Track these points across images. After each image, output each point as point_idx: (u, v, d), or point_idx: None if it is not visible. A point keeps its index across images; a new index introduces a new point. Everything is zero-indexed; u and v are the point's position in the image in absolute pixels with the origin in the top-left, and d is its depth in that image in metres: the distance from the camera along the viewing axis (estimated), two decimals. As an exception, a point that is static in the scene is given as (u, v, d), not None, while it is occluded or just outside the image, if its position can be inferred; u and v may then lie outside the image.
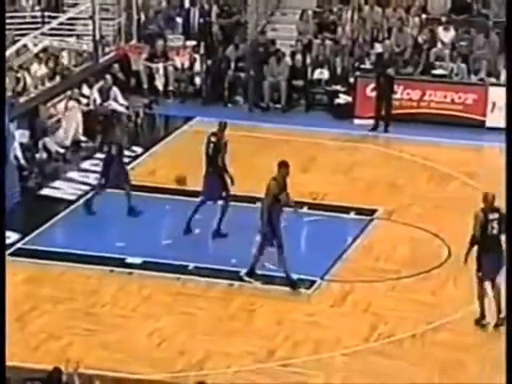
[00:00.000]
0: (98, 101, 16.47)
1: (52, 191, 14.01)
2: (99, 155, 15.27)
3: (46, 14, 18.39)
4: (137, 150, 15.29)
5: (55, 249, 12.11)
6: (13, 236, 12.14)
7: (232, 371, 9.64)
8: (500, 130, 16.03)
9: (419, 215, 13.07)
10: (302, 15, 18.28)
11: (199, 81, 17.72)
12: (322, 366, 9.77)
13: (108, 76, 16.76)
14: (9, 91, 15.03)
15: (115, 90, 16.66)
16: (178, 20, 18.75)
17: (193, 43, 18.16)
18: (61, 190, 14.00)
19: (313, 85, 17.41)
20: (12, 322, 9.82)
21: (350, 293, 11.15)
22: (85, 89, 16.59)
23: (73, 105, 15.82)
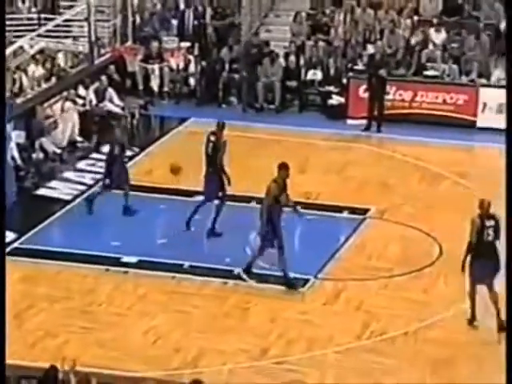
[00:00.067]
0: (94, 102, 16.47)
1: (48, 191, 14.00)
2: (95, 155, 15.30)
3: (43, 16, 18.38)
4: (133, 150, 15.27)
5: (51, 248, 12.11)
6: (9, 235, 12.12)
7: (226, 369, 9.65)
8: (491, 131, 16.14)
9: (411, 214, 13.09)
10: (296, 17, 18.30)
11: (194, 82, 17.73)
12: (315, 364, 9.78)
13: (104, 77, 16.77)
14: (6, 92, 15.00)
15: (111, 91, 16.67)
16: (173, 22, 18.74)
17: (187, 45, 18.16)
18: (57, 190, 14.00)
19: (306, 86, 17.43)
20: (9, 321, 9.80)
21: (343, 291, 11.17)
22: (81, 90, 16.58)
23: (69, 106, 15.82)
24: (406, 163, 14.94)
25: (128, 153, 13.96)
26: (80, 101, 16.34)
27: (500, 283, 10.01)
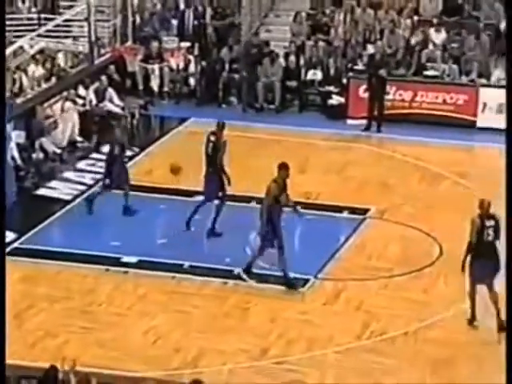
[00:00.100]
0: (94, 102, 16.46)
1: (48, 191, 13.98)
2: (95, 155, 15.28)
3: (43, 16, 18.37)
4: (134, 150, 15.24)
5: (51, 248, 12.08)
6: (9, 235, 12.10)
7: (226, 369, 9.63)
8: (491, 131, 16.12)
9: (411, 214, 13.07)
10: (296, 17, 18.28)
11: (194, 82, 17.71)
12: (315, 364, 9.77)
13: (104, 77, 16.75)
14: (6, 92, 14.98)
15: (111, 91, 16.65)
16: (173, 22, 18.73)
17: (187, 45, 18.14)
18: (57, 190, 13.98)
19: (306, 86, 17.41)
20: (9, 321, 9.78)
21: (343, 291, 11.15)
22: (81, 90, 16.57)
23: (69, 106, 15.81)
24: (406, 163, 14.93)
25: (128, 153, 13.95)
26: (80, 101, 16.32)
27: (500, 283, 9.99)
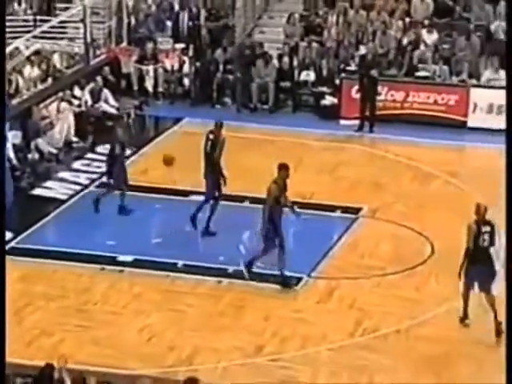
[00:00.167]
0: (90, 102, 16.44)
1: (44, 191, 13.96)
2: (90, 155, 15.26)
3: (38, 18, 18.30)
4: (133, 150, 15.18)
5: (47, 247, 12.06)
6: (6, 235, 12.05)
7: (221, 366, 9.63)
8: (481, 131, 16.14)
9: (403, 213, 13.08)
10: (289, 18, 18.28)
11: (188, 82, 17.70)
12: (309, 361, 9.77)
13: (99, 78, 16.74)
14: (5, 92, 14.94)
15: (106, 92, 16.64)
16: (168, 23, 18.71)
17: (182, 46, 18.12)
18: (53, 190, 13.96)
19: (299, 86, 17.41)
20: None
21: (336, 289, 11.15)
22: (76, 90, 16.56)
23: (65, 106, 15.79)
24: (398, 163, 14.94)
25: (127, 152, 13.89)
26: (75, 101, 16.31)
27: (500, 284, 9.89)
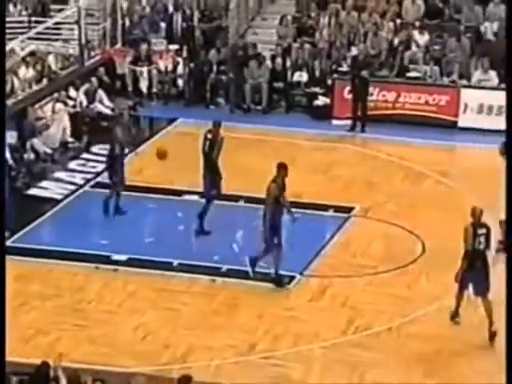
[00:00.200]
0: (85, 103, 16.46)
1: (39, 191, 13.96)
2: (85, 155, 15.28)
3: (33, 19, 18.31)
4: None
5: (43, 247, 12.08)
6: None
7: (215, 364, 9.66)
8: (472, 131, 16.21)
9: (395, 212, 13.13)
10: (282, 20, 18.32)
11: (182, 83, 17.71)
12: (302, 359, 9.81)
13: (94, 79, 16.75)
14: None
15: (101, 93, 16.65)
16: (162, 25, 18.72)
17: (176, 47, 18.14)
18: (48, 190, 13.96)
19: (292, 87, 17.45)
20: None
21: (329, 287, 11.19)
22: (71, 91, 16.57)
23: (60, 107, 15.80)
24: (390, 162, 14.99)
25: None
26: (71, 102, 16.32)
27: (499, 282, 9.89)
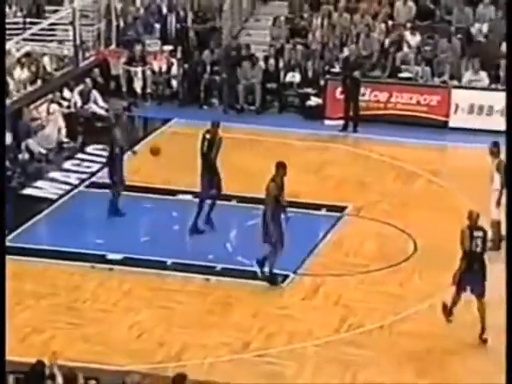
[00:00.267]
0: (79, 103, 16.44)
1: (35, 191, 13.93)
2: (80, 155, 15.25)
3: (28, 20, 18.28)
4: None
5: (38, 246, 12.05)
6: (-3, 234, 12.04)
7: (209, 362, 9.65)
8: (462, 131, 16.24)
9: (387, 211, 13.14)
10: (275, 21, 18.32)
11: (176, 84, 17.70)
12: (295, 357, 9.81)
13: (88, 80, 16.73)
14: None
15: (95, 93, 16.63)
16: (156, 26, 18.70)
17: (170, 48, 18.12)
18: (43, 190, 13.93)
19: (285, 87, 17.45)
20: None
21: (322, 286, 11.19)
22: (66, 92, 16.54)
23: (54, 108, 15.77)
24: (382, 162, 15.00)
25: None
26: (65, 103, 16.29)
27: (495, 281, 9.94)
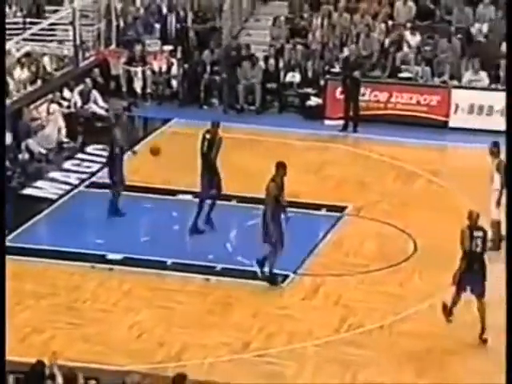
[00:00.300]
0: (79, 103, 16.42)
1: (35, 191, 13.91)
2: (80, 155, 15.23)
3: (28, 20, 18.27)
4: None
5: (38, 246, 12.02)
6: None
7: (209, 362, 9.63)
8: (462, 131, 16.21)
9: (387, 212, 13.12)
10: (275, 21, 18.30)
11: (176, 84, 17.68)
12: (295, 357, 9.79)
13: (88, 80, 16.71)
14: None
15: (95, 93, 16.61)
16: (156, 26, 18.68)
17: (170, 48, 18.10)
18: (43, 190, 13.91)
19: (285, 87, 17.43)
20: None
21: (322, 286, 11.17)
22: (66, 92, 16.52)
23: (54, 107, 15.75)
24: (382, 162, 14.97)
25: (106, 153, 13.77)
26: (65, 103, 16.27)
27: (495, 281, 9.93)
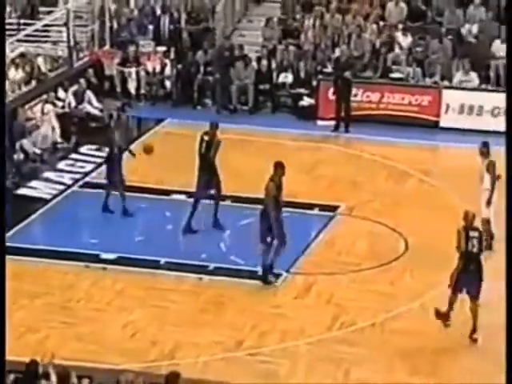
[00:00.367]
0: (73, 104, 16.40)
1: (29, 191, 13.89)
2: (74, 156, 15.22)
3: (22, 21, 18.24)
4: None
5: (32, 246, 12.00)
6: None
7: (202, 360, 9.63)
8: (453, 131, 16.26)
9: (378, 211, 13.14)
10: (268, 22, 18.31)
11: (169, 84, 17.67)
12: (288, 355, 9.80)
13: (82, 80, 16.70)
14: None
15: (89, 94, 16.59)
16: (149, 27, 18.67)
17: (163, 49, 18.10)
18: (37, 190, 13.89)
19: (278, 88, 17.44)
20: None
21: (314, 285, 11.19)
22: (60, 92, 16.50)
23: (49, 108, 15.73)
24: (374, 162, 15.00)
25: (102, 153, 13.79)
26: (59, 103, 16.25)
27: (492, 282, 9.95)
